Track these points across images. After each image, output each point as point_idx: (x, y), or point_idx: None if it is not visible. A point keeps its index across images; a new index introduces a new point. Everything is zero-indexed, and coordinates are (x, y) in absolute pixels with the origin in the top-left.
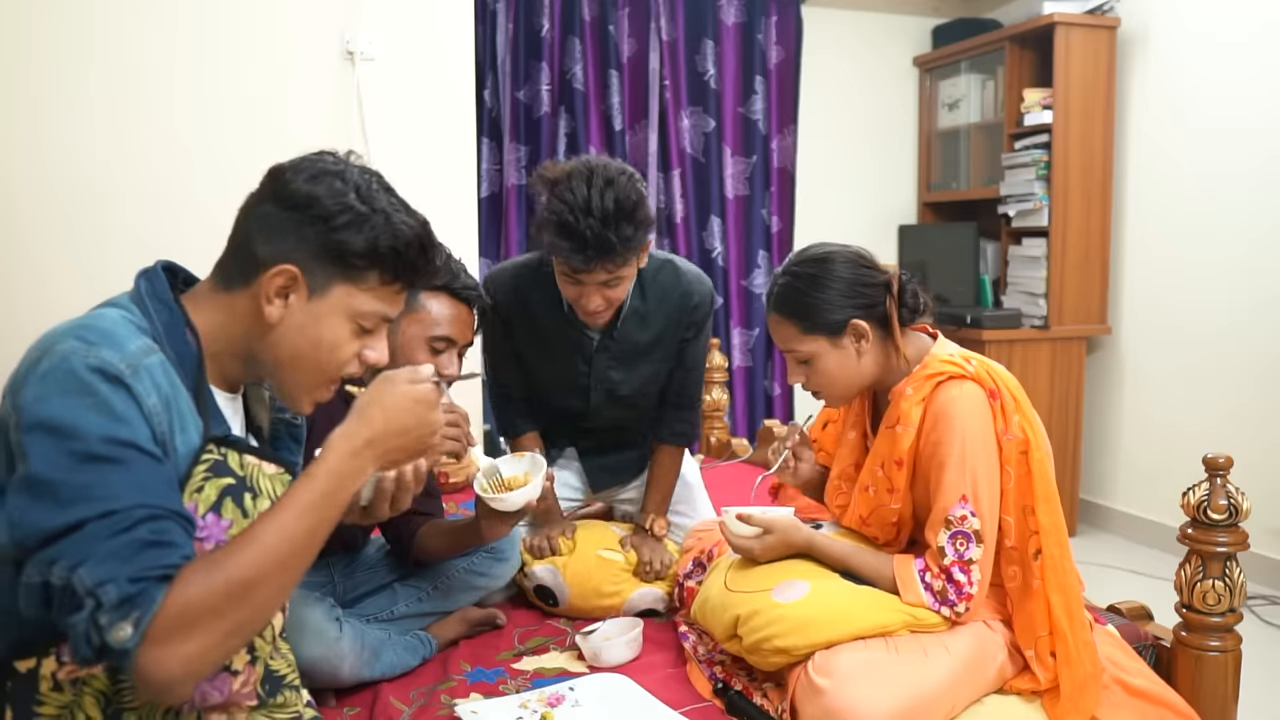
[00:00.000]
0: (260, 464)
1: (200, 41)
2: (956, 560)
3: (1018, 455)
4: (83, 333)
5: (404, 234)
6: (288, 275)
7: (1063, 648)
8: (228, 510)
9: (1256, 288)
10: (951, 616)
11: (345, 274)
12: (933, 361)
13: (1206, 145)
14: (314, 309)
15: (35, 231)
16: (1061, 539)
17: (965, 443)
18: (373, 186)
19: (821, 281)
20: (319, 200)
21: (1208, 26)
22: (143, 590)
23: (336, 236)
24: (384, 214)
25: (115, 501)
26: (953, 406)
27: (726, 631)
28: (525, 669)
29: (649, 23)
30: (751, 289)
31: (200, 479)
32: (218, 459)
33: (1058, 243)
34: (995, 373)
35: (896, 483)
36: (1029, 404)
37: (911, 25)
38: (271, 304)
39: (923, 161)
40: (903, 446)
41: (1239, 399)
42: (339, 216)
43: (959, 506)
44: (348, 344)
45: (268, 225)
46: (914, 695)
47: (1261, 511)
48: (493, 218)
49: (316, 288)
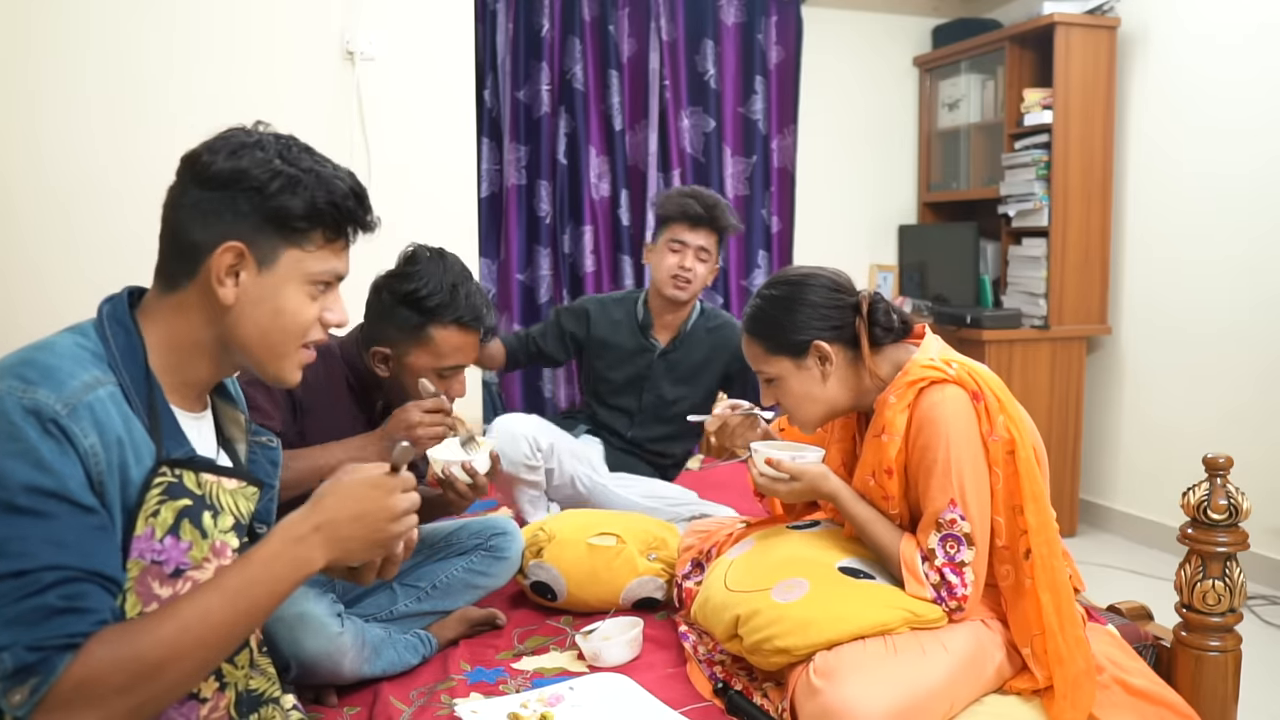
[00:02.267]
0: (219, 480)
1: (200, 41)
2: (948, 562)
3: (1004, 455)
4: (23, 370)
5: (339, 188)
6: (235, 251)
7: (1054, 646)
8: (186, 532)
9: (1257, 288)
10: (948, 612)
11: (290, 239)
12: (914, 368)
13: (1206, 145)
14: (267, 281)
15: (35, 231)
16: (1050, 537)
17: (950, 446)
18: (294, 149)
19: (789, 304)
20: (247, 173)
21: (1208, 27)
22: (43, 659)
23: (274, 203)
24: (313, 173)
25: (28, 560)
26: (935, 411)
27: (727, 631)
28: (525, 669)
29: (649, 23)
30: (751, 289)
31: (155, 503)
32: (172, 481)
33: (1058, 243)
34: (977, 374)
35: (890, 491)
36: (1014, 403)
37: (911, 25)
38: (224, 285)
39: (923, 161)
40: (890, 455)
41: (1239, 399)
42: (272, 183)
43: (948, 510)
44: (307, 308)
45: (199, 211)
46: (912, 694)
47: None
48: (493, 218)
49: (264, 259)
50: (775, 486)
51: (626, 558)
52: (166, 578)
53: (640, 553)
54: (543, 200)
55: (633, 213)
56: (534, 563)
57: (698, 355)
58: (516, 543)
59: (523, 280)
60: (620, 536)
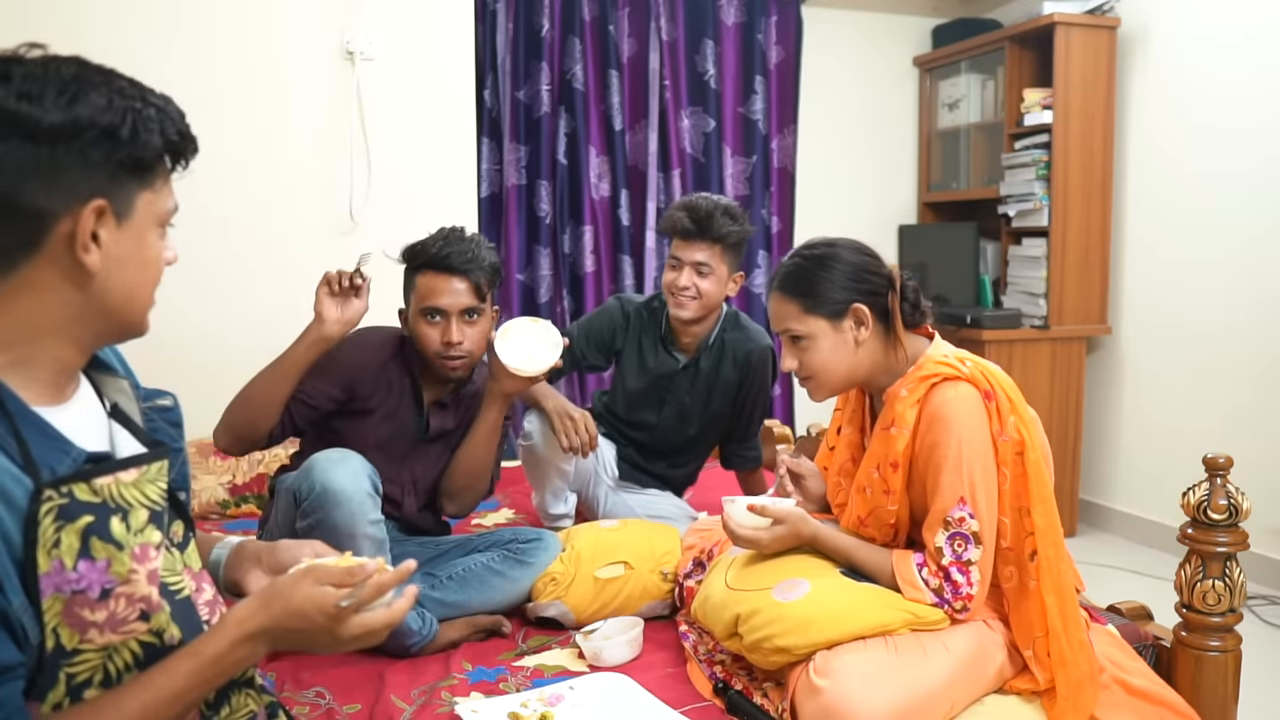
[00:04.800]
0: (116, 478)
1: (200, 41)
2: (955, 561)
3: (1013, 456)
4: None
5: (175, 113)
6: (98, 209)
7: (1057, 648)
8: (98, 550)
9: (1257, 288)
10: (951, 614)
11: (142, 182)
12: (927, 363)
13: (1206, 145)
14: (128, 233)
15: None
16: (1056, 540)
17: (961, 444)
18: (116, 79)
19: (828, 263)
20: (92, 120)
21: (1208, 26)
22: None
23: (128, 148)
24: (151, 104)
25: None
26: (947, 408)
27: (727, 630)
28: (525, 668)
29: (649, 23)
30: (751, 289)
31: (52, 532)
32: (62, 502)
33: (1058, 243)
34: (990, 373)
35: (892, 485)
36: (1024, 404)
37: (911, 25)
38: (89, 251)
39: (923, 161)
40: (897, 449)
41: (1239, 399)
42: (122, 128)
43: (957, 508)
44: (162, 252)
45: (35, 169)
46: (913, 694)
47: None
48: (493, 218)
49: (123, 210)
50: (758, 535)
51: (636, 582)
52: (95, 602)
53: (651, 572)
54: (543, 200)
55: (633, 213)
56: (545, 601)
57: (717, 370)
58: (546, 553)
59: (523, 280)
60: (628, 563)
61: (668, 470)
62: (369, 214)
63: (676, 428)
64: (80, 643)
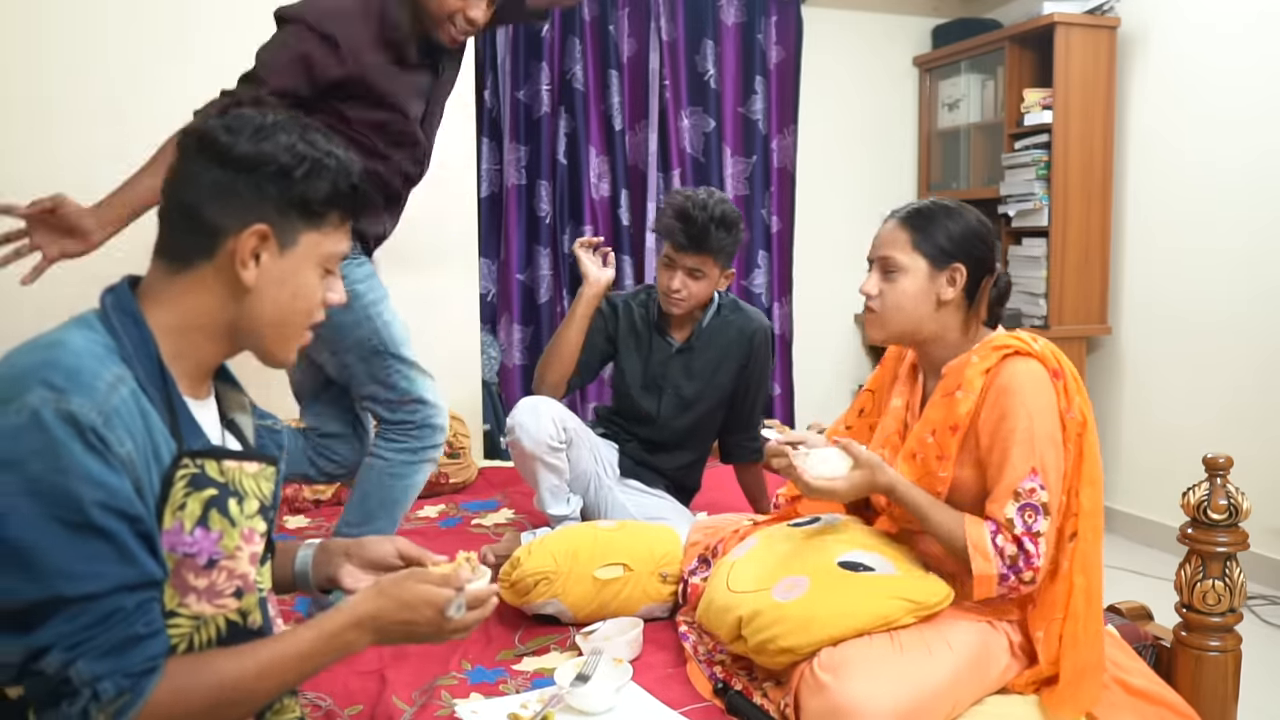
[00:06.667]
0: (241, 465)
1: (200, 41)
2: (1026, 531)
3: (1075, 436)
4: (48, 375)
5: (355, 170)
6: (260, 234)
7: (1072, 629)
8: (215, 522)
9: (1257, 288)
10: (1017, 586)
11: (309, 221)
12: (998, 337)
13: (1206, 145)
14: (286, 263)
15: None
16: (1098, 524)
17: (1034, 417)
18: (310, 132)
19: (955, 216)
20: (273, 156)
21: (1207, 26)
22: (134, 685)
23: (300, 188)
24: (334, 156)
25: (97, 581)
26: (1018, 380)
27: (731, 633)
28: (525, 669)
29: (649, 23)
30: (752, 289)
31: (181, 495)
32: (195, 472)
33: (1058, 243)
34: (1058, 354)
35: (947, 450)
36: (1085, 390)
37: (911, 25)
38: (247, 267)
39: (923, 161)
40: (960, 411)
41: (1239, 399)
42: (298, 168)
43: (1029, 479)
44: (318, 290)
45: (219, 192)
46: (918, 692)
47: (1261, 511)
48: (493, 218)
49: (286, 241)
50: (833, 485)
51: (636, 584)
52: (201, 569)
53: (651, 574)
54: (543, 200)
55: (633, 213)
56: (541, 601)
57: (715, 350)
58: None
59: (523, 280)
60: (627, 565)
61: (671, 463)
62: None
63: (677, 416)
64: (178, 605)
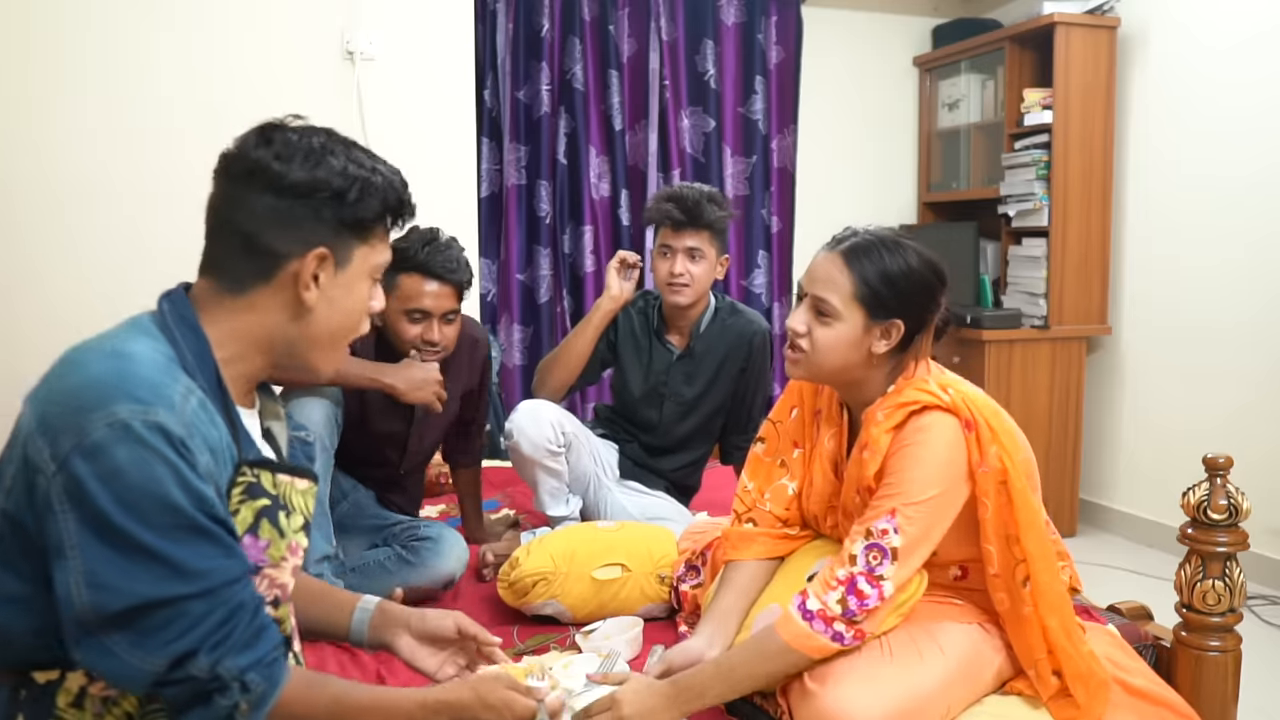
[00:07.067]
0: (292, 481)
1: (200, 41)
2: (865, 572)
3: (995, 486)
4: (131, 388)
5: (399, 184)
6: (320, 257)
7: (1071, 665)
8: (264, 531)
9: (1257, 286)
10: (852, 636)
11: (361, 238)
12: (908, 389)
13: (1207, 145)
14: (342, 280)
15: (35, 231)
16: (1050, 564)
17: (919, 466)
18: (354, 151)
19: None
20: (327, 182)
21: (1208, 26)
22: (269, 674)
23: (353, 210)
24: (380, 174)
25: (209, 578)
26: (917, 435)
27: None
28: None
29: (649, 23)
30: (751, 289)
31: (236, 502)
32: (251, 481)
33: (1058, 243)
34: (973, 402)
35: None
36: (1008, 429)
37: (911, 25)
38: (310, 290)
39: (923, 161)
40: (869, 473)
41: (1239, 399)
42: (350, 191)
43: (884, 520)
44: (368, 299)
45: (276, 217)
46: (908, 698)
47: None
48: (493, 218)
49: (341, 260)
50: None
51: (634, 585)
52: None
53: (649, 574)
54: (543, 200)
55: (633, 213)
56: (540, 601)
57: (715, 354)
58: (439, 558)
59: (523, 280)
60: (625, 565)
61: (671, 464)
62: None
63: (679, 422)
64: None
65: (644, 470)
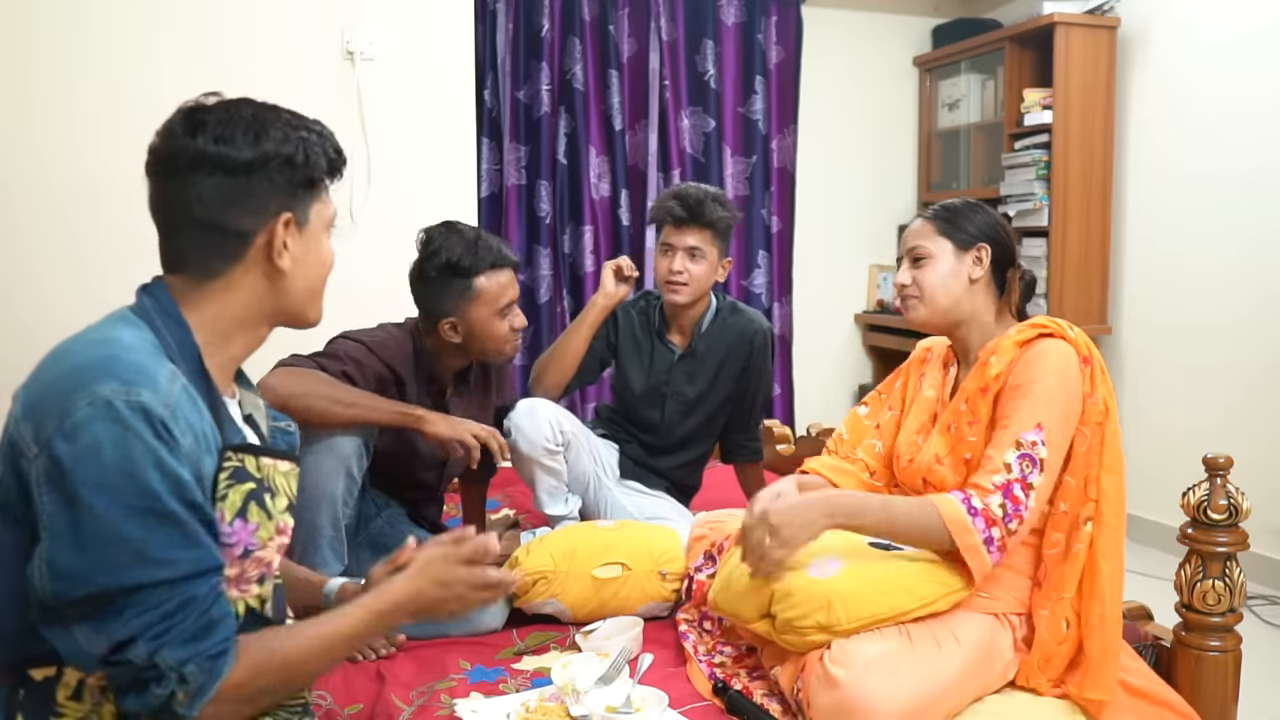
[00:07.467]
0: (275, 463)
1: (200, 41)
2: (1019, 479)
3: (1095, 421)
4: (115, 368)
5: (329, 134)
6: (286, 221)
7: (1099, 610)
8: (253, 514)
9: (1257, 287)
10: (1004, 542)
11: (313, 194)
12: (1035, 320)
13: (1207, 145)
14: (307, 238)
15: (35, 231)
16: (1120, 511)
17: (1052, 384)
18: (281, 113)
19: (974, 206)
20: (276, 152)
21: (1208, 26)
22: (212, 666)
23: (305, 171)
24: (312, 130)
25: (172, 568)
26: (1044, 355)
27: (758, 611)
28: (525, 669)
29: (649, 23)
30: (752, 289)
31: (224, 487)
32: (237, 465)
33: (1058, 243)
34: (1090, 344)
35: (978, 413)
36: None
37: (911, 25)
38: (283, 256)
39: (923, 161)
40: (990, 374)
41: (1239, 399)
42: (297, 155)
43: (1033, 432)
44: (330, 253)
45: (234, 198)
46: (928, 687)
47: (1261, 511)
48: (493, 218)
49: (302, 220)
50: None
51: (635, 584)
52: (236, 558)
53: (649, 573)
54: (543, 200)
55: (633, 213)
56: (540, 600)
57: (716, 354)
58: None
59: (523, 280)
60: (625, 564)
61: (671, 464)
62: (369, 214)
63: (680, 422)
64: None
65: (644, 470)
